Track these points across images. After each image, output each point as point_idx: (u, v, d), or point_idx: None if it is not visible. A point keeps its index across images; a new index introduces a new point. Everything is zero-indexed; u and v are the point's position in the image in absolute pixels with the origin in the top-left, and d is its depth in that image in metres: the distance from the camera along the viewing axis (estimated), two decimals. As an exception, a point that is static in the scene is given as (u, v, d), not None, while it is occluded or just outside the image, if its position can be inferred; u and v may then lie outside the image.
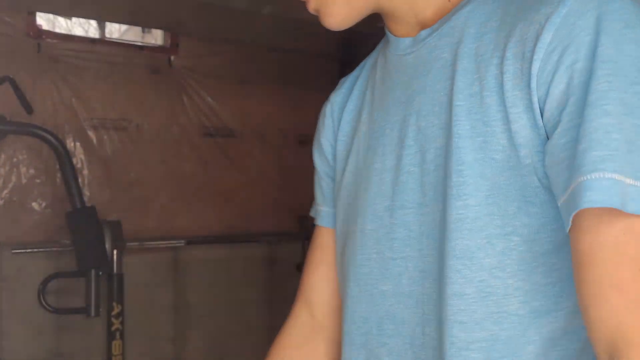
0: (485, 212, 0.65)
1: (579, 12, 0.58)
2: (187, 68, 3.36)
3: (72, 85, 3.01)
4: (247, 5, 2.78)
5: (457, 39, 0.70)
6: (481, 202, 0.65)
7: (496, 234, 0.64)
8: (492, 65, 0.65)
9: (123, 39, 3.44)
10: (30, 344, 2.87)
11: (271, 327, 3.61)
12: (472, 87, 0.67)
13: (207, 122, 3.41)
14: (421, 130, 0.73)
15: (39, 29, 2.95)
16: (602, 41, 0.56)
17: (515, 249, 0.64)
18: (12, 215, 2.85)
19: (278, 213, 3.63)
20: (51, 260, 2.93)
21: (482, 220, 0.65)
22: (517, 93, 0.63)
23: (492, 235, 0.65)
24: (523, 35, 0.62)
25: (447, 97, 0.69)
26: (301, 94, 3.79)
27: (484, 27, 0.68)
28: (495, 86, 0.64)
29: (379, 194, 0.78)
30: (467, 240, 0.66)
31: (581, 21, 0.58)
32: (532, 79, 0.61)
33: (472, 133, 0.66)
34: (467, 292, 0.66)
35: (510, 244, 0.64)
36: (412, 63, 0.77)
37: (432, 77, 0.73)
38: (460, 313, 0.66)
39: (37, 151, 2.92)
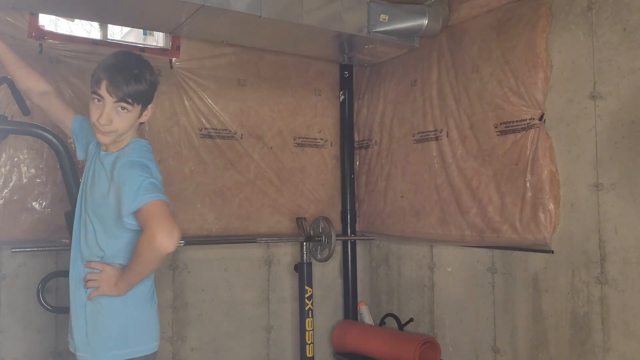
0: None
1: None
2: (188, 70, 3.38)
3: (74, 86, 3.04)
4: (247, 9, 2.80)
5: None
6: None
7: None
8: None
9: (124, 41, 3.46)
10: (29, 342, 2.88)
11: (269, 327, 3.63)
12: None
13: (207, 123, 3.43)
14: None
15: (41, 30, 2.97)
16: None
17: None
18: (12, 214, 2.87)
19: (276, 214, 3.65)
20: (51, 259, 2.95)
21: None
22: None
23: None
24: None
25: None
26: (299, 96, 3.82)
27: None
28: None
29: None
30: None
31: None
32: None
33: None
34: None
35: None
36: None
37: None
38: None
39: (37, 151, 2.94)
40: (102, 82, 1.75)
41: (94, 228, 1.82)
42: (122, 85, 1.75)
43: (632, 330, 2.43)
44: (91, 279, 1.80)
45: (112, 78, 1.74)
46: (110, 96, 1.75)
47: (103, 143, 1.83)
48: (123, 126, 1.79)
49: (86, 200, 1.87)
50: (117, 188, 1.73)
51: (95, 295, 1.79)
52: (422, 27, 3.23)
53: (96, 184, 1.83)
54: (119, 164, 1.77)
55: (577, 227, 2.65)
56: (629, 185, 2.46)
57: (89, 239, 1.83)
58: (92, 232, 1.83)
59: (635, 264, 2.42)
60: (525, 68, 2.86)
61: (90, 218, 1.83)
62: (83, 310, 1.81)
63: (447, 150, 3.30)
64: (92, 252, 1.83)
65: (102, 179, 1.81)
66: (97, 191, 1.82)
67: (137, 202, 1.66)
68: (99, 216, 1.81)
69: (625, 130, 2.48)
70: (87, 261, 1.82)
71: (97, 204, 1.81)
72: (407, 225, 3.59)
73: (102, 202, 1.79)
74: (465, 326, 3.25)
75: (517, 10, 2.94)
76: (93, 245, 1.83)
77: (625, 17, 2.49)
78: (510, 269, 2.98)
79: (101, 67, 1.78)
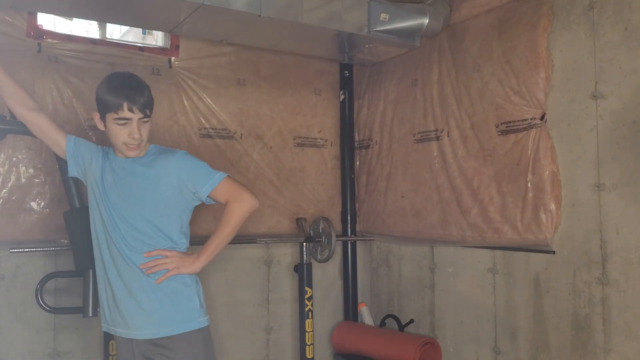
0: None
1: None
2: (187, 69, 3.37)
3: (72, 85, 3.02)
4: (247, 8, 2.79)
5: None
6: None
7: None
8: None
9: (123, 40, 3.45)
10: (27, 343, 2.87)
11: (269, 328, 3.62)
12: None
13: (206, 123, 3.42)
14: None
15: (40, 29, 2.96)
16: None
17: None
18: (11, 214, 2.86)
19: (276, 214, 3.64)
20: (49, 259, 2.94)
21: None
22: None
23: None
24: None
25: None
26: (299, 96, 3.80)
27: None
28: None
29: None
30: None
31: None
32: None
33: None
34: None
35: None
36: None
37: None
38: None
39: (36, 151, 2.92)
40: (123, 105, 1.97)
41: (144, 223, 2.04)
42: (140, 100, 1.99)
43: (634, 331, 2.41)
44: (160, 264, 2.02)
45: (130, 98, 1.97)
46: (134, 113, 1.98)
47: (134, 156, 2.08)
48: (146, 135, 2.06)
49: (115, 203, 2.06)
50: (181, 177, 2.05)
51: (170, 275, 2.03)
52: (423, 26, 3.22)
53: (135, 185, 2.06)
54: (172, 160, 2.07)
55: (578, 228, 2.64)
56: (631, 185, 2.44)
57: (144, 233, 2.03)
58: (143, 226, 2.04)
59: (637, 265, 2.41)
60: (527, 68, 2.84)
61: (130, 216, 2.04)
62: (154, 293, 2.03)
63: (448, 150, 3.29)
64: (150, 242, 2.04)
65: (143, 177, 2.06)
66: (140, 190, 2.05)
67: (213, 181, 2.06)
68: (150, 210, 2.04)
69: (626, 130, 2.46)
70: (144, 252, 2.03)
71: (144, 201, 2.04)
72: (407, 226, 3.58)
73: (153, 196, 2.05)
74: (466, 327, 3.23)
75: (518, 10, 2.92)
76: (153, 236, 2.04)
77: (627, 17, 2.48)
78: (511, 270, 2.96)
79: (112, 92, 1.99)
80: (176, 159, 2.08)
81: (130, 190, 2.06)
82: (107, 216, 2.06)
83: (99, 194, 2.09)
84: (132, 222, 2.04)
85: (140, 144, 2.06)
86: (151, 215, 2.05)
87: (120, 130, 2.00)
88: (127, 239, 2.04)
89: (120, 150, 2.08)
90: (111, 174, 2.09)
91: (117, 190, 2.07)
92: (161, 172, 2.07)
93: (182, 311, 2.05)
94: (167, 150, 2.15)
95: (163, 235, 2.07)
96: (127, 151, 2.06)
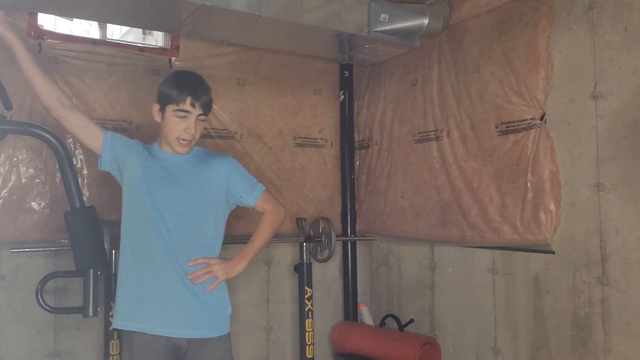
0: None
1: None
2: (187, 69, 3.36)
3: (72, 85, 3.03)
4: (247, 8, 2.80)
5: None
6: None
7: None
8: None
9: (124, 40, 3.45)
10: (28, 343, 2.87)
11: (269, 328, 3.62)
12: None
13: (206, 123, 3.41)
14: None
15: (40, 30, 2.97)
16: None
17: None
18: (11, 214, 2.86)
19: (276, 215, 3.64)
20: (50, 259, 2.94)
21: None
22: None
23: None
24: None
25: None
26: (299, 96, 3.81)
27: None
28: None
29: None
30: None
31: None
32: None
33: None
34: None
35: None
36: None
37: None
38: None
39: (37, 151, 2.93)
40: (187, 98, 2.02)
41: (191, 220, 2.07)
42: (203, 97, 2.06)
43: (634, 331, 2.42)
44: (208, 272, 2.09)
45: (194, 94, 2.04)
46: (194, 109, 2.04)
47: (183, 153, 2.11)
48: (199, 134, 2.12)
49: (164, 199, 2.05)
50: (231, 180, 2.17)
51: (219, 282, 2.13)
52: (423, 27, 3.22)
53: (187, 182, 2.09)
54: (224, 162, 2.18)
55: (578, 228, 2.64)
56: (630, 185, 2.45)
57: (189, 231, 2.07)
58: (190, 224, 2.07)
59: (637, 265, 2.41)
60: (526, 68, 2.85)
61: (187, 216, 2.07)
62: (211, 298, 2.11)
63: (447, 150, 3.29)
64: (196, 243, 2.08)
65: (195, 175, 2.11)
66: (191, 187, 2.09)
67: (258, 191, 2.24)
68: (198, 208, 2.09)
69: (626, 131, 2.47)
70: (190, 259, 2.06)
71: (194, 198, 2.09)
72: (407, 226, 3.59)
73: (203, 194, 2.11)
74: (465, 327, 3.24)
75: (518, 10, 2.93)
76: (196, 234, 2.08)
77: (627, 17, 2.48)
78: (511, 270, 2.97)
79: (178, 86, 2.04)
80: (229, 162, 2.20)
81: (181, 187, 2.08)
82: (154, 212, 2.04)
83: (144, 189, 2.05)
84: (179, 218, 2.06)
85: (192, 142, 2.10)
86: (198, 213, 2.09)
87: (178, 123, 2.04)
88: (173, 236, 2.04)
89: (171, 144, 2.09)
90: (160, 170, 2.09)
91: (167, 186, 2.07)
92: (213, 172, 2.14)
93: (223, 315, 2.16)
94: (216, 153, 2.25)
95: (205, 234, 2.11)
96: (178, 146, 2.08)
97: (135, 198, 2.08)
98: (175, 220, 2.05)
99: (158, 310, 2.03)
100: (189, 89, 2.04)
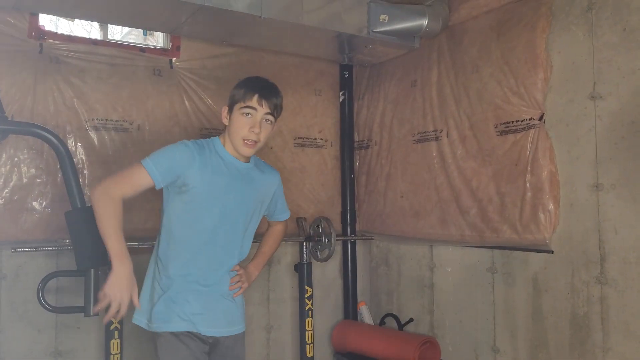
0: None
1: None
2: (188, 70, 3.38)
3: (73, 86, 3.04)
4: (247, 9, 2.81)
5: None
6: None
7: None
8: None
9: (125, 41, 3.46)
10: (29, 342, 2.88)
11: (269, 327, 3.63)
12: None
13: (207, 124, 3.43)
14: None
15: (42, 30, 2.98)
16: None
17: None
18: (13, 214, 2.87)
19: (276, 215, 3.65)
20: (51, 259, 2.95)
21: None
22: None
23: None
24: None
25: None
26: (299, 96, 3.82)
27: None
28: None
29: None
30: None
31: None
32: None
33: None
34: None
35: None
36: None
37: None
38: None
39: (38, 151, 2.94)
40: (254, 96, 2.03)
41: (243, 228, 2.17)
42: (271, 98, 2.07)
43: (632, 331, 2.43)
44: (242, 281, 2.21)
45: (262, 92, 2.05)
46: (261, 107, 2.04)
47: (247, 155, 2.12)
48: (264, 137, 2.09)
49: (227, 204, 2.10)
50: (276, 194, 2.33)
51: (243, 291, 2.23)
52: (422, 28, 3.23)
53: (248, 190, 2.15)
54: (276, 176, 2.31)
55: (576, 228, 2.65)
56: (629, 185, 2.46)
57: (239, 238, 2.17)
58: (241, 231, 2.16)
59: (635, 264, 2.42)
60: (525, 68, 2.86)
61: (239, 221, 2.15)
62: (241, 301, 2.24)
63: (447, 150, 3.31)
64: (239, 247, 2.18)
65: (256, 184, 2.18)
66: (250, 196, 2.17)
67: (287, 211, 2.46)
68: (251, 216, 2.19)
69: (625, 131, 2.48)
70: (232, 263, 2.17)
71: (251, 207, 2.18)
72: (407, 225, 3.60)
73: (258, 204, 2.22)
74: (465, 326, 3.25)
75: (517, 11, 2.94)
76: (240, 242, 2.17)
77: (625, 18, 2.49)
78: (510, 269, 2.98)
79: (247, 85, 2.07)
80: (279, 180, 2.33)
81: (244, 194, 2.13)
82: (217, 216, 2.08)
83: (209, 197, 2.05)
84: (236, 225, 2.13)
85: (256, 144, 2.08)
86: (248, 222, 2.18)
87: (244, 121, 2.03)
88: (225, 242, 2.12)
89: (236, 145, 2.08)
90: (227, 177, 2.09)
91: (231, 192, 2.10)
92: (267, 186, 2.24)
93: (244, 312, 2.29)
94: (266, 164, 2.32)
95: (244, 243, 2.20)
96: (242, 147, 2.06)
97: (198, 206, 2.05)
98: (230, 227, 2.12)
99: (206, 312, 2.09)
100: (257, 88, 2.06)
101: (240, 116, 2.04)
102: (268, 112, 2.05)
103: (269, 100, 2.05)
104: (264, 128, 2.07)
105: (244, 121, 2.03)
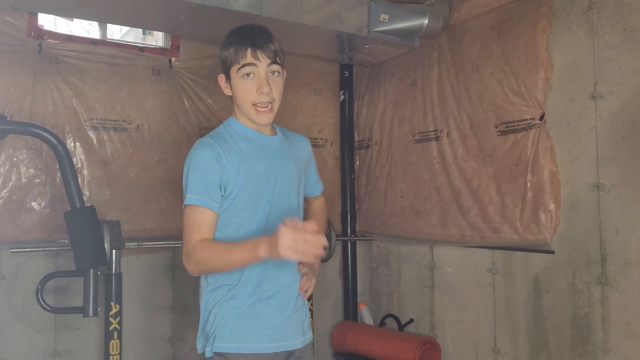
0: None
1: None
2: (187, 70, 3.37)
3: (72, 85, 3.03)
4: (247, 9, 2.80)
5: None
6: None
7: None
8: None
9: (124, 40, 3.45)
10: (28, 342, 2.87)
11: (268, 328, 3.62)
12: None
13: (207, 123, 3.42)
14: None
15: (41, 30, 2.97)
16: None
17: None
18: (11, 214, 2.86)
19: (276, 215, 3.64)
20: (50, 259, 2.94)
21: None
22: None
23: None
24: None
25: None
26: (299, 96, 3.81)
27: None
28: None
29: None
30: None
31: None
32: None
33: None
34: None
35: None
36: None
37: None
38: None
39: (37, 151, 2.93)
40: (246, 50, 1.65)
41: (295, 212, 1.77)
42: (267, 44, 1.67)
43: (633, 331, 2.42)
44: (311, 279, 1.81)
45: (254, 42, 1.65)
46: (260, 60, 1.66)
47: (265, 123, 1.72)
48: (278, 94, 1.71)
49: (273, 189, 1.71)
50: (309, 164, 1.91)
51: (313, 287, 1.84)
52: (423, 27, 3.22)
53: (289, 167, 1.76)
54: (307, 144, 1.90)
55: (577, 228, 2.64)
56: (630, 185, 2.45)
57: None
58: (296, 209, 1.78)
59: (636, 265, 2.42)
60: (526, 68, 2.85)
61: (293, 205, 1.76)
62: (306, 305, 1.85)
63: (447, 150, 3.30)
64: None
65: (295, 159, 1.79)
66: (293, 173, 1.77)
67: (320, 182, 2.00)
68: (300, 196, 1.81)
69: (626, 131, 2.47)
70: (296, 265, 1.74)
71: (297, 186, 1.78)
72: (407, 226, 3.59)
73: (301, 181, 1.81)
74: (465, 327, 3.24)
75: (517, 10, 2.93)
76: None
77: (626, 17, 2.48)
78: (510, 270, 2.97)
79: (233, 41, 1.68)
80: (309, 142, 1.92)
81: (288, 174, 1.74)
82: (268, 207, 1.69)
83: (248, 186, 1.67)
84: (291, 209, 1.74)
85: (272, 105, 1.70)
86: (299, 201, 1.80)
87: (247, 85, 1.67)
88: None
89: (249, 116, 1.71)
90: (263, 159, 1.70)
91: (271, 176, 1.70)
92: (303, 151, 1.86)
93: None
94: (292, 132, 1.90)
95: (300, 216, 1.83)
96: (257, 115, 1.69)
97: (245, 203, 1.67)
98: (284, 213, 1.69)
99: (278, 325, 1.68)
100: (246, 40, 1.66)
101: (240, 80, 1.68)
102: (271, 63, 1.68)
103: (266, 48, 1.66)
104: (274, 83, 1.70)
105: (247, 84, 1.67)
